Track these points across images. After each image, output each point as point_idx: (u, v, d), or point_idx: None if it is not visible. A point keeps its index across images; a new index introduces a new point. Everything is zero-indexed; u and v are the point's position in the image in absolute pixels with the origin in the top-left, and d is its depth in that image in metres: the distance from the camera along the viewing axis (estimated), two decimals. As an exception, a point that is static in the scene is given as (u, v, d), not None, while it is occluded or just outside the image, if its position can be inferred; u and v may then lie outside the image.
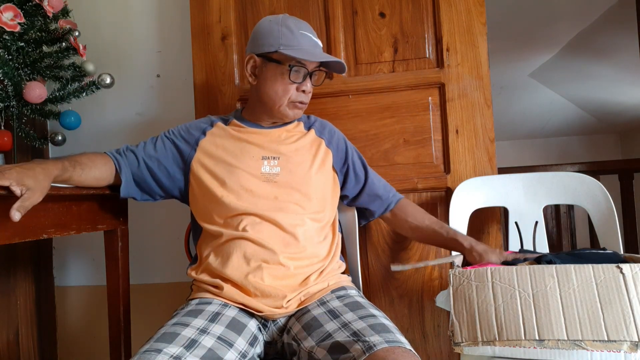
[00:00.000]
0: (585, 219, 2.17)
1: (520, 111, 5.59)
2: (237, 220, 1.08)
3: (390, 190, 1.30)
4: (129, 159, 1.15)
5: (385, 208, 1.28)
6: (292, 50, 1.09)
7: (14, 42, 1.43)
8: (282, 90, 1.12)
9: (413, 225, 1.25)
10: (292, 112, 1.16)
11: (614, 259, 1.03)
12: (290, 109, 1.15)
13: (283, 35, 1.11)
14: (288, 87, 1.12)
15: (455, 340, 0.89)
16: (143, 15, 1.78)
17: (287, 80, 1.11)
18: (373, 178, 1.28)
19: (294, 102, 1.14)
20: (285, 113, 1.15)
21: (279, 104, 1.14)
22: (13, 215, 0.79)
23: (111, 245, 1.29)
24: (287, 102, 1.14)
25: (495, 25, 3.02)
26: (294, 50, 1.09)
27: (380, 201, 1.28)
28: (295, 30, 1.11)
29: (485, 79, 1.46)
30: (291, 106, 1.15)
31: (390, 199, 1.28)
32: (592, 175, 1.36)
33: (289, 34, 1.11)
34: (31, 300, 1.71)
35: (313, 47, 1.12)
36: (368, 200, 1.28)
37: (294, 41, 1.10)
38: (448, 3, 1.47)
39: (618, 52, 4.11)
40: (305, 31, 1.13)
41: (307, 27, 1.15)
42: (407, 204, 1.30)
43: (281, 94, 1.13)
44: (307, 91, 1.14)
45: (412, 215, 1.26)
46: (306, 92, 1.14)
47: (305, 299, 1.07)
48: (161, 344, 0.85)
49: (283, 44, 1.10)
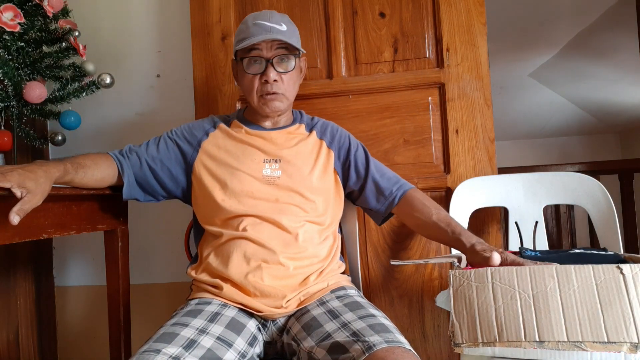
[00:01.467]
0: (585, 219, 2.17)
1: (520, 111, 5.58)
2: (238, 221, 1.08)
3: (396, 183, 1.21)
4: (132, 160, 1.15)
5: (390, 203, 1.19)
6: (240, 44, 1.08)
7: (14, 42, 1.43)
8: (248, 85, 1.12)
9: (419, 221, 1.16)
10: (267, 107, 1.13)
11: (614, 260, 1.03)
12: (264, 103, 1.12)
13: (239, 32, 1.12)
14: (251, 80, 1.11)
15: (456, 340, 0.89)
16: (143, 15, 1.78)
17: (247, 74, 1.11)
18: (375, 173, 1.21)
19: (262, 96, 1.12)
20: (261, 109, 1.14)
21: (251, 100, 1.14)
22: (12, 219, 0.79)
23: (111, 245, 1.29)
24: (257, 97, 1.13)
25: (495, 25, 3.02)
26: (241, 43, 1.08)
27: (383, 197, 1.20)
28: (250, 22, 1.10)
29: (485, 79, 1.46)
30: (262, 100, 1.12)
31: (395, 193, 1.19)
32: (592, 175, 1.36)
33: (243, 29, 1.11)
34: (31, 300, 1.71)
35: (264, 32, 1.07)
36: (372, 196, 1.21)
37: (246, 33, 1.09)
38: (448, 3, 1.47)
39: (618, 52, 4.10)
40: (261, 20, 1.09)
41: (267, 16, 1.10)
42: (414, 197, 1.18)
43: (248, 89, 1.13)
44: (270, 79, 1.09)
45: (419, 211, 1.16)
46: (270, 81, 1.10)
47: (305, 299, 1.07)
48: (160, 344, 0.85)
49: (237, 40, 1.11)
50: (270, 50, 1.09)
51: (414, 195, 1.19)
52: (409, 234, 1.48)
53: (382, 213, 1.22)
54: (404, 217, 1.21)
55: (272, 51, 1.09)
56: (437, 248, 1.47)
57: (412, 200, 1.18)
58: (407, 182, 1.23)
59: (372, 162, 1.23)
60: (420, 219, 1.15)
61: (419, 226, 1.18)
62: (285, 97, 1.14)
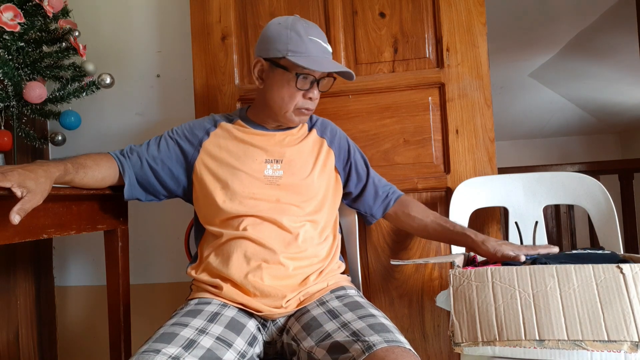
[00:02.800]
0: (585, 219, 2.17)
1: (520, 111, 5.58)
2: (238, 221, 1.08)
3: (391, 188, 1.29)
4: (132, 160, 1.15)
5: (386, 206, 1.27)
6: (299, 58, 1.05)
7: (14, 42, 1.43)
8: (289, 96, 1.11)
9: (418, 221, 1.23)
10: (298, 119, 1.15)
11: (612, 259, 1.03)
12: (297, 115, 1.14)
13: (291, 40, 1.07)
14: (294, 93, 1.10)
15: (456, 340, 0.89)
16: (143, 15, 1.78)
17: (293, 87, 1.09)
18: (374, 176, 1.28)
19: (300, 109, 1.12)
20: (291, 119, 1.14)
21: (285, 110, 1.12)
22: (13, 218, 0.79)
23: (111, 245, 1.29)
24: (293, 109, 1.12)
25: (495, 25, 3.02)
26: (302, 58, 1.05)
27: (380, 200, 1.26)
28: (304, 35, 1.07)
29: (485, 79, 1.46)
30: (297, 112, 1.13)
31: (390, 196, 1.27)
32: (592, 175, 1.36)
33: (297, 39, 1.07)
34: (31, 300, 1.71)
35: (322, 53, 1.09)
36: (370, 199, 1.26)
37: (302, 47, 1.06)
38: (448, 3, 1.47)
39: (618, 52, 4.10)
40: (314, 37, 1.08)
41: (317, 32, 1.11)
42: (408, 201, 1.28)
43: (287, 100, 1.11)
44: (314, 98, 1.12)
45: (415, 210, 1.24)
46: (313, 99, 1.12)
47: (305, 299, 1.07)
48: (160, 345, 0.85)
49: (291, 50, 1.06)
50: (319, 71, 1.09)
51: (408, 200, 1.29)
52: (409, 234, 1.48)
53: (376, 217, 1.28)
54: (402, 220, 1.26)
55: (321, 72, 1.10)
56: (437, 248, 1.47)
57: (407, 203, 1.27)
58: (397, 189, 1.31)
59: (370, 166, 1.29)
60: (419, 219, 1.23)
61: (420, 227, 1.24)
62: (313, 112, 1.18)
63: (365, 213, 1.28)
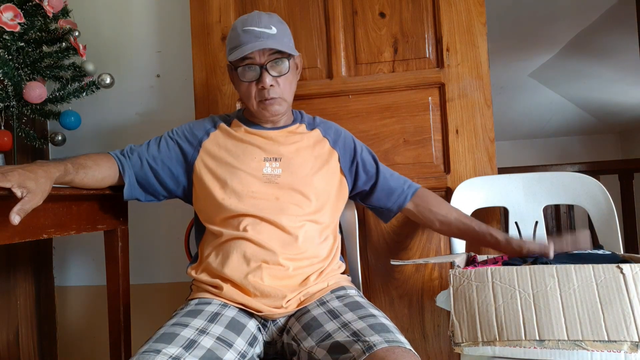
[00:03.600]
0: (585, 219, 2.16)
1: (520, 111, 5.58)
2: (238, 221, 1.08)
3: (406, 182, 1.26)
4: (132, 160, 1.15)
5: (402, 201, 1.23)
6: (232, 53, 1.08)
7: (14, 42, 1.43)
8: (246, 92, 1.12)
9: (441, 217, 1.21)
10: (267, 112, 1.13)
11: (612, 259, 1.03)
12: (263, 108, 1.13)
13: (230, 40, 1.12)
14: (248, 87, 1.11)
15: (456, 340, 0.89)
16: (143, 15, 1.78)
17: (244, 82, 1.11)
18: (385, 172, 1.25)
19: (260, 101, 1.12)
20: (260, 114, 1.14)
21: (251, 106, 1.14)
22: (12, 219, 0.79)
23: (111, 245, 1.29)
24: (256, 103, 1.12)
25: (495, 25, 3.02)
26: (234, 52, 1.08)
27: (395, 195, 1.23)
28: (240, 29, 1.09)
29: (485, 79, 1.46)
30: (262, 105, 1.12)
31: (406, 191, 1.23)
32: (592, 175, 1.36)
33: (234, 36, 1.10)
34: (31, 300, 1.71)
35: (255, 39, 1.07)
36: (383, 195, 1.24)
37: (236, 42, 1.09)
38: (448, 3, 1.47)
39: (618, 52, 4.10)
40: (249, 26, 1.08)
41: (255, 20, 1.09)
42: (427, 194, 1.24)
43: (247, 96, 1.12)
44: (267, 85, 1.09)
45: (437, 206, 1.22)
46: (266, 87, 1.09)
47: (305, 299, 1.07)
48: (160, 345, 0.85)
49: (229, 48, 1.11)
50: (263, 56, 1.08)
51: (426, 193, 1.25)
52: (409, 234, 1.48)
53: (393, 211, 1.26)
54: (423, 215, 1.23)
55: (265, 57, 1.08)
56: (437, 248, 1.47)
57: (426, 197, 1.24)
58: (413, 182, 1.27)
59: (380, 162, 1.27)
60: (442, 216, 1.21)
61: (443, 224, 1.22)
62: (284, 99, 1.14)
63: (381, 209, 1.26)
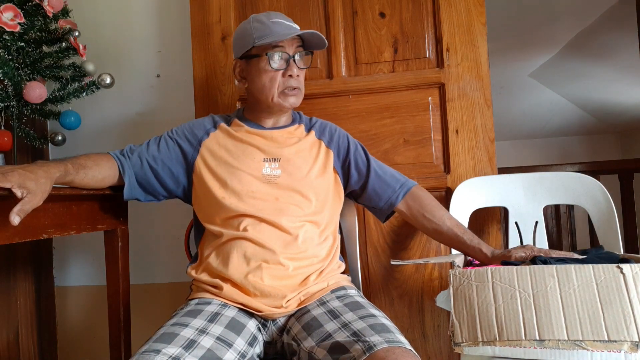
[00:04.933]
0: (585, 219, 2.17)
1: (520, 111, 5.58)
2: (238, 221, 1.08)
3: (399, 181, 1.22)
4: (132, 160, 1.15)
5: (394, 200, 1.20)
6: (265, 39, 1.09)
7: (14, 42, 1.43)
8: (269, 81, 1.12)
9: (434, 225, 1.19)
10: (287, 102, 1.14)
11: (612, 259, 1.03)
12: (284, 99, 1.14)
13: (255, 29, 1.12)
14: (274, 76, 1.12)
15: (456, 340, 0.89)
16: (143, 15, 1.78)
17: (270, 69, 1.12)
18: (377, 170, 1.22)
19: (284, 91, 1.13)
20: (280, 104, 1.14)
21: (271, 95, 1.13)
22: (12, 219, 0.79)
23: (111, 245, 1.29)
24: (278, 93, 1.13)
25: (495, 25, 3.02)
26: (267, 38, 1.09)
27: (387, 194, 1.21)
28: (266, 20, 1.12)
29: (485, 79, 1.46)
30: (283, 95, 1.13)
31: (398, 191, 1.20)
32: (592, 175, 1.36)
33: (260, 26, 1.12)
34: (31, 300, 1.71)
35: (287, 30, 1.11)
36: (374, 194, 1.21)
37: (266, 30, 1.11)
38: (448, 3, 1.47)
39: (618, 52, 4.10)
40: (277, 19, 1.13)
41: (280, 15, 1.15)
42: (422, 196, 1.21)
43: (269, 85, 1.12)
44: (294, 75, 1.12)
45: (430, 211, 1.19)
46: (294, 76, 1.12)
47: (305, 298, 1.07)
48: (160, 345, 0.85)
49: (257, 36, 1.11)
50: (292, 48, 1.13)
51: (421, 194, 1.22)
52: (409, 234, 1.48)
53: (384, 211, 1.23)
54: (416, 218, 1.21)
55: (294, 48, 1.13)
56: (437, 248, 1.47)
57: (420, 199, 1.21)
58: (410, 180, 1.24)
59: (373, 160, 1.24)
60: (434, 222, 1.19)
61: (435, 232, 1.21)
62: (302, 92, 1.17)
63: (374, 208, 1.25)
